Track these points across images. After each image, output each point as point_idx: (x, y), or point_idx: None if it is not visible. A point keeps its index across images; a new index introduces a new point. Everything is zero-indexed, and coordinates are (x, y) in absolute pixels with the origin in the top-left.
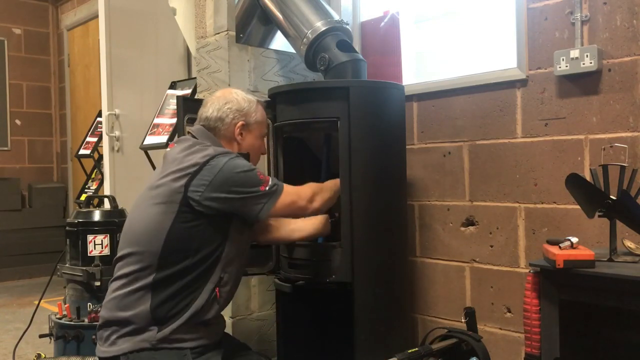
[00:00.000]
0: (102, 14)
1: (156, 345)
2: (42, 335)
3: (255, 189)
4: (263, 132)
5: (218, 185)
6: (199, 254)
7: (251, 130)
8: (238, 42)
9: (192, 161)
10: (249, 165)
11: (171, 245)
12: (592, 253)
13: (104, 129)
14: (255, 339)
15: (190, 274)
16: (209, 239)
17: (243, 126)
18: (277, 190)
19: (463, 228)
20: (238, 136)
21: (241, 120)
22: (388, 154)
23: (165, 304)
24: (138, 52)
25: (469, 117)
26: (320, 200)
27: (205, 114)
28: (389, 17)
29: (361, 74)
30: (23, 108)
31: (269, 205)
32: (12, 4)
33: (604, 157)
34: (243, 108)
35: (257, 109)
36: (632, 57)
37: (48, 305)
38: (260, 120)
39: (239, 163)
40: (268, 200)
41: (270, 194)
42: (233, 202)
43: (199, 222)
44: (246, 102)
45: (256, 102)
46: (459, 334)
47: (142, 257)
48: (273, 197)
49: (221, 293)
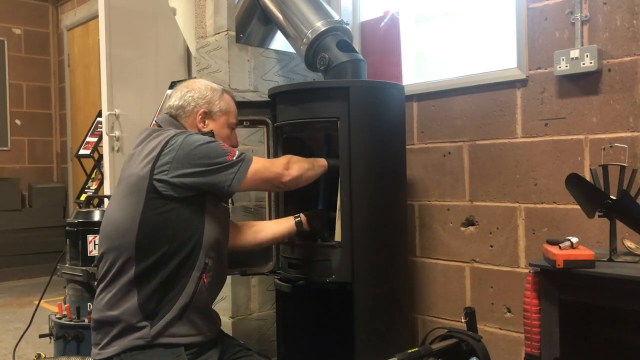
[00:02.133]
0: (102, 14)
1: (151, 342)
2: (42, 335)
3: (221, 159)
4: (230, 121)
5: (182, 162)
6: (176, 240)
7: (215, 119)
8: (238, 42)
9: (152, 146)
10: (210, 138)
11: (145, 235)
12: (592, 253)
13: (104, 129)
14: (255, 339)
15: (171, 262)
16: (184, 224)
17: (205, 114)
18: (245, 158)
19: (463, 228)
20: (200, 123)
21: (203, 107)
22: (388, 154)
23: (153, 296)
24: (138, 52)
25: (469, 117)
26: (298, 169)
27: (168, 103)
28: (389, 17)
29: (361, 74)
30: (23, 108)
31: (240, 174)
32: (12, 4)
33: (604, 157)
34: (205, 96)
35: (223, 97)
36: (632, 57)
37: (48, 305)
38: (225, 109)
39: (199, 137)
40: (238, 169)
41: (238, 162)
42: (201, 176)
43: (169, 207)
44: (209, 90)
45: (222, 91)
46: (459, 334)
47: (119, 253)
48: (243, 166)
49: (208, 280)
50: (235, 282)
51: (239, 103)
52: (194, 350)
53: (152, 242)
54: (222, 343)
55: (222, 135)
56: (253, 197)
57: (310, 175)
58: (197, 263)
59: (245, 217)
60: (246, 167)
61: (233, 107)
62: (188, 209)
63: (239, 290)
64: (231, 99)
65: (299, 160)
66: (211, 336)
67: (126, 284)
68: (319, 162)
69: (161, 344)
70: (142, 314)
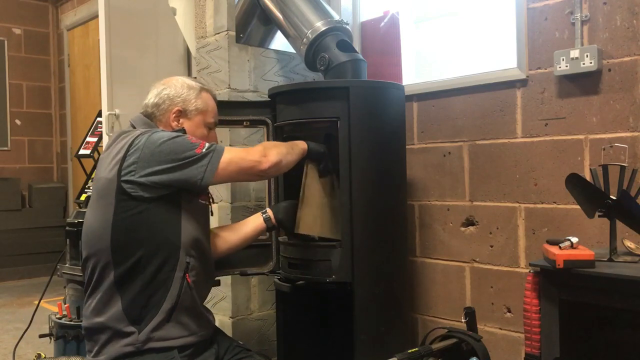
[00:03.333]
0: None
1: (141, 347)
2: (42, 335)
3: (189, 152)
4: (207, 121)
5: (148, 161)
6: (153, 241)
7: (190, 118)
8: (238, 42)
9: (119, 148)
10: (176, 134)
11: (119, 239)
12: (592, 253)
13: (104, 129)
14: (255, 339)
15: (150, 265)
16: (159, 225)
17: (179, 112)
18: (216, 149)
19: (463, 228)
20: (173, 122)
21: (177, 106)
22: (388, 154)
23: (137, 300)
24: (138, 52)
25: (469, 117)
26: (276, 154)
27: (145, 101)
28: (389, 17)
29: (361, 74)
30: (23, 108)
31: (212, 166)
32: (12, 4)
33: (604, 157)
34: (181, 94)
35: (200, 96)
36: (632, 57)
37: (48, 305)
38: (202, 108)
39: (164, 133)
40: (209, 161)
41: (209, 154)
42: (170, 173)
43: (141, 208)
44: (185, 88)
45: (199, 89)
46: (459, 334)
47: (98, 258)
48: (214, 157)
49: (193, 279)
50: (235, 282)
51: (239, 103)
52: (188, 351)
53: (127, 246)
54: (220, 344)
55: (198, 134)
56: (253, 196)
57: (290, 160)
58: (178, 263)
59: (245, 216)
60: (217, 158)
61: (211, 107)
62: (162, 208)
63: (239, 290)
64: (210, 98)
65: (276, 145)
66: (205, 335)
67: (108, 289)
68: (297, 145)
69: (152, 348)
70: (127, 319)
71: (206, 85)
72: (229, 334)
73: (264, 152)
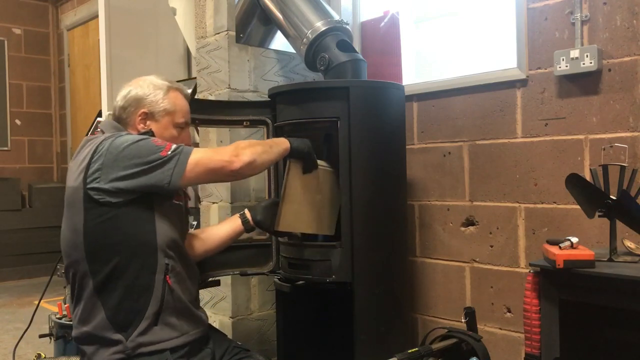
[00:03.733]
0: (102, 14)
1: (131, 354)
2: (42, 335)
3: (154, 156)
4: (175, 122)
5: (111, 166)
6: (128, 246)
7: (157, 120)
8: (238, 42)
9: (84, 155)
10: (140, 137)
11: (93, 247)
12: (592, 253)
13: None
14: (255, 339)
15: (128, 270)
16: (132, 229)
17: (145, 115)
18: (182, 151)
19: (463, 228)
20: (140, 125)
21: (143, 108)
22: (388, 154)
23: (120, 307)
24: (138, 52)
25: (469, 117)
26: (250, 153)
27: (114, 104)
28: (389, 17)
29: (361, 74)
30: (23, 108)
31: (179, 169)
32: (12, 4)
33: (604, 157)
34: (146, 95)
35: (168, 96)
36: (632, 57)
37: (48, 305)
38: (169, 108)
39: (127, 137)
40: (175, 164)
41: (175, 156)
42: (135, 178)
43: (112, 214)
44: (151, 89)
45: (167, 89)
46: (459, 334)
47: (76, 268)
48: (181, 159)
49: (174, 280)
50: (235, 282)
51: (239, 103)
52: (182, 352)
53: (102, 253)
54: (218, 345)
55: (167, 136)
56: (253, 196)
57: (266, 159)
58: (157, 266)
59: None
60: (185, 160)
61: (180, 106)
62: (134, 212)
63: (239, 290)
64: (179, 97)
65: (251, 145)
66: (198, 334)
67: (89, 298)
68: (277, 144)
69: (142, 353)
70: (113, 326)
71: (175, 83)
72: (229, 334)
73: (236, 151)
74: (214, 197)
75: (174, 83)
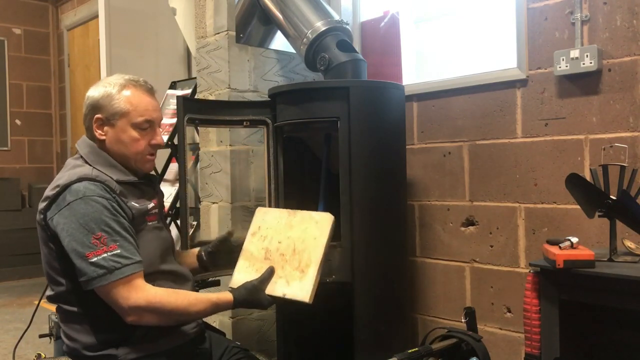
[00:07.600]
0: (102, 14)
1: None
2: (42, 335)
3: (83, 250)
4: (133, 122)
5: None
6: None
7: (113, 124)
8: (238, 42)
9: (53, 186)
10: (91, 216)
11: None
12: (592, 253)
13: None
14: (255, 339)
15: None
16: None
17: (100, 121)
18: (113, 272)
19: (463, 228)
20: (97, 132)
21: (97, 113)
22: (388, 153)
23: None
24: (138, 52)
25: (469, 117)
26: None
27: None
28: (389, 17)
29: (361, 74)
30: (23, 108)
31: (101, 282)
32: (12, 4)
33: (604, 157)
34: (96, 100)
35: (119, 97)
36: (632, 57)
37: (48, 305)
38: (123, 109)
39: (77, 213)
40: (97, 275)
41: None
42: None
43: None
44: (101, 92)
45: (120, 87)
46: (459, 334)
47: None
48: (107, 276)
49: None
50: None
51: (239, 103)
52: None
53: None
54: (216, 344)
55: (125, 140)
56: (253, 196)
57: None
58: None
59: (245, 216)
60: (104, 282)
61: (136, 104)
62: None
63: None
64: (136, 94)
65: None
66: (193, 334)
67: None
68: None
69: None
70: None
71: (134, 79)
72: (229, 334)
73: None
74: (214, 197)
75: (132, 79)
